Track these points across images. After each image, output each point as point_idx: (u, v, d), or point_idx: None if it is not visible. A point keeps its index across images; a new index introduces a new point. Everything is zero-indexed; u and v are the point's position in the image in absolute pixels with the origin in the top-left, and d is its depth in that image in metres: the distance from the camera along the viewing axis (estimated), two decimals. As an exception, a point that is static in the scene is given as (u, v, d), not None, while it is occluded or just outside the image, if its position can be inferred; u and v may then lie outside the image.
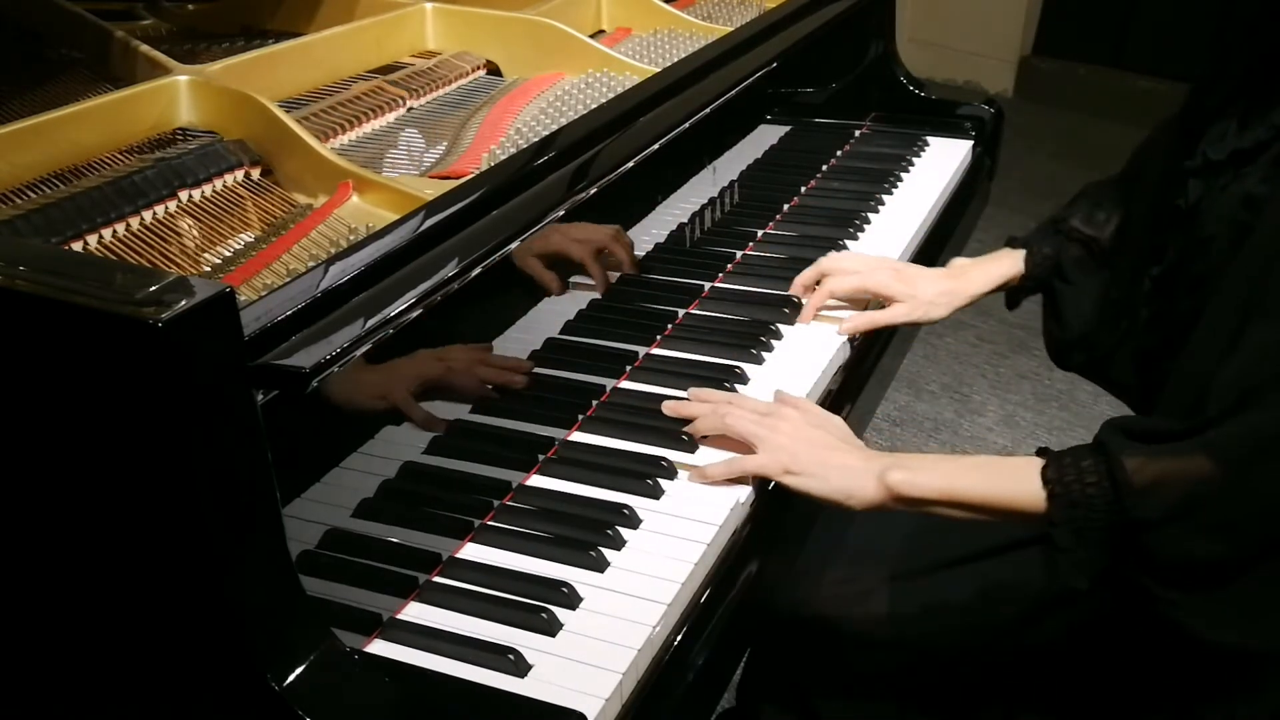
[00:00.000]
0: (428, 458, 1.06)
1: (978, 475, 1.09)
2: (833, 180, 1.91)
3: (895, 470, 1.10)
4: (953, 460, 1.14)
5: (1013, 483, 1.06)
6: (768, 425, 1.16)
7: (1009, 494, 1.06)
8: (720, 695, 1.12)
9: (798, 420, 1.18)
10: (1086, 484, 1.01)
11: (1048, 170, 4.38)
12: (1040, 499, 1.03)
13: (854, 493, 1.12)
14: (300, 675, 0.82)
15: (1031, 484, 1.04)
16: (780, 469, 1.14)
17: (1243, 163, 1.09)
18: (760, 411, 1.19)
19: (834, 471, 1.13)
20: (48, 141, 1.12)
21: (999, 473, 1.08)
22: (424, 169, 1.30)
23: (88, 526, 0.83)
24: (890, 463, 1.12)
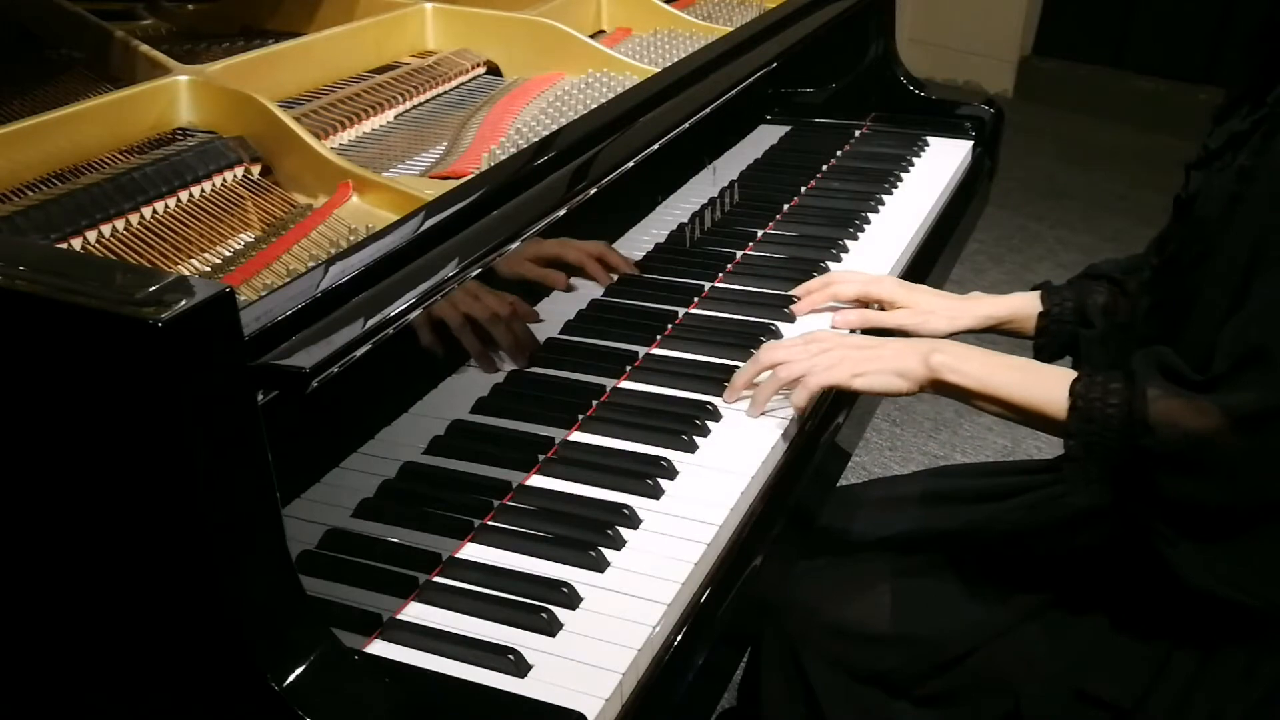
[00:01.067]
0: (428, 458, 1.06)
1: (1015, 374, 1.15)
2: (833, 180, 1.91)
3: (939, 354, 1.18)
4: (992, 355, 1.19)
5: (1043, 388, 1.12)
6: (815, 351, 1.24)
7: (1038, 397, 1.12)
8: (720, 695, 1.12)
9: (834, 336, 1.27)
10: (1109, 404, 1.06)
11: (1048, 170, 4.38)
12: (1064, 408, 1.09)
13: (906, 372, 1.19)
14: (300, 675, 0.82)
15: (1060, 392, 1.10)
16: (849, 375, 1.21)
17: (1239, 144, 1.10)
18: (799, 344, 1.26)
19: (887, 360, 1.21)
20: (48, 141, 1.13)
21: (1034, 376, 1.14)
22: (424, 169, 1.30)
23: (88, 527, 0.83)
24: (934, 346, 1.20)
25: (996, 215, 3.85)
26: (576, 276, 1.26)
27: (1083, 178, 4.35)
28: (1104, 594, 1.19)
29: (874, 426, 2.80)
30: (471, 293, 1.08)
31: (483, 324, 1.11)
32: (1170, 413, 1.02)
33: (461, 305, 1.07)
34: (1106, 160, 4.47)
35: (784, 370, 1.24)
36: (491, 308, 1.12)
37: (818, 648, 1.31)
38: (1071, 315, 1.41)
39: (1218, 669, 1.12)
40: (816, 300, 1.47)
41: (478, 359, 1.12)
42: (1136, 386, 1.05)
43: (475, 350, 1.11)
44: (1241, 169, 1.08)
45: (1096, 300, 1.39)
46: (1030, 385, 1.13)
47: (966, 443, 2.79)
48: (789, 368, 1.24)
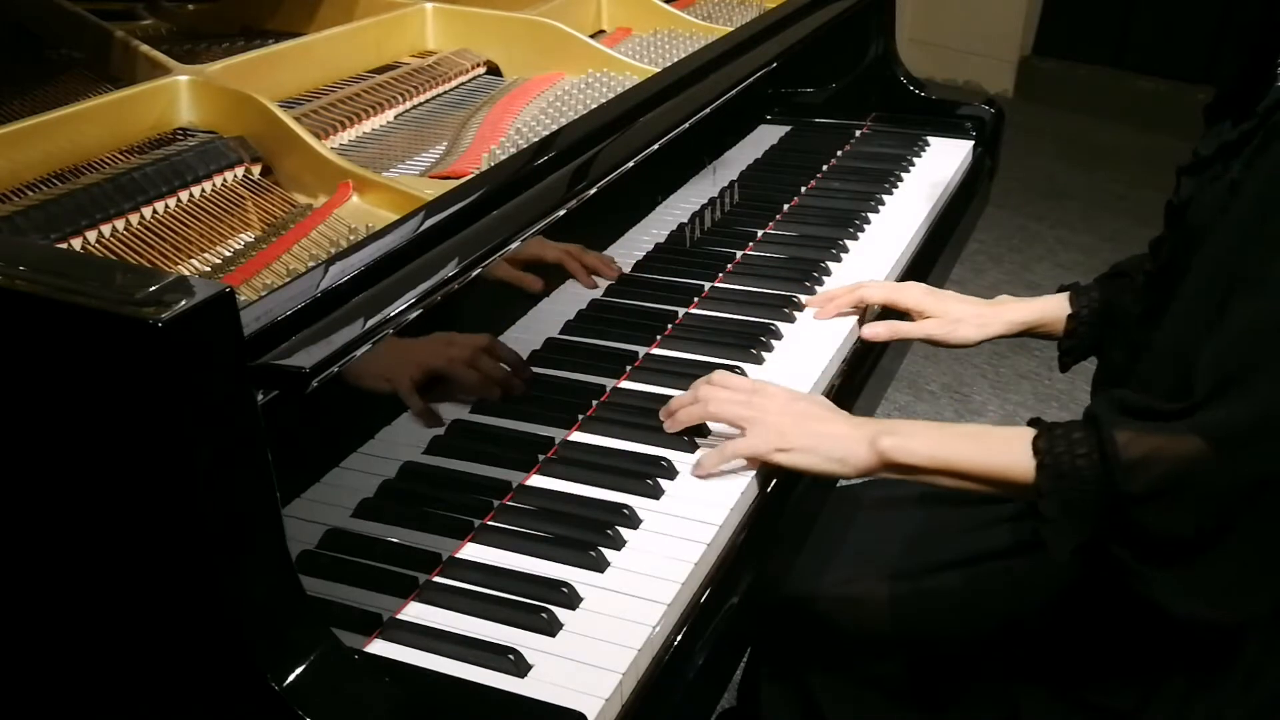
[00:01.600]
0: (428, 458, 1.06)
1: (969, 443, 1.09)
2: (833, 180, 1.91)
3: (886, 436, 1.10)
4: (944, 428, 1.14)
5: (1003, 452, 1.06)
6: (755, 406, 1.16)
7: (999, 464, 1.06)
8: (720, 695, 1.12)
9: (782, 396, 1.18)
10: (1076, 455, 1.02)
11: (1048, 170, 4.38)
12: (1030, 469, 1.04)
13: (847, 459, 1.12)
14: (300, 675, 0.82)
15: (1022, 454, 1.04)
16: (771, 447, 1.13)
17: (1230, 155, 1.10)
18: (744, 391, 1.19)
19: (825, 441, 1.13)
20: (48, 141, 1.13)
21: (990, 442, 1.09)
22: (424, 169, 1.30)
23: (88, 527, 0.83)
24: (882, 429, 1.12)
25: (996, 215, 3.85)
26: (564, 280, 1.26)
27: (1083, 178, 4.35)
28: (1103, 598, 1.19)
29: (874, 426, 2.80)
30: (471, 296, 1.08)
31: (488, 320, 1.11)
32: (1148, 450, 0.98)
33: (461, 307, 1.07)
34: (1106, 160, 4.47)
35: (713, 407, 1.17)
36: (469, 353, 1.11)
37: (817, 650, 1.31)
38: (1100, 317, 1.38)
39: (1218, 676, 1.11)
40: (843, 304, 1.46)
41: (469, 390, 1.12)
42: (1103, 432, 1.01)
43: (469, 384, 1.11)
44: (1234, 184, 1.07)
45: (1124, 299, 1.35)
46: (987, 451, 1.08)
47: (966, 443, 2.79)
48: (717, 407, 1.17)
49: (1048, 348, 1.49)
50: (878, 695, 1.28)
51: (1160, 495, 0.98)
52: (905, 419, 1.16)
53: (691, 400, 1.20)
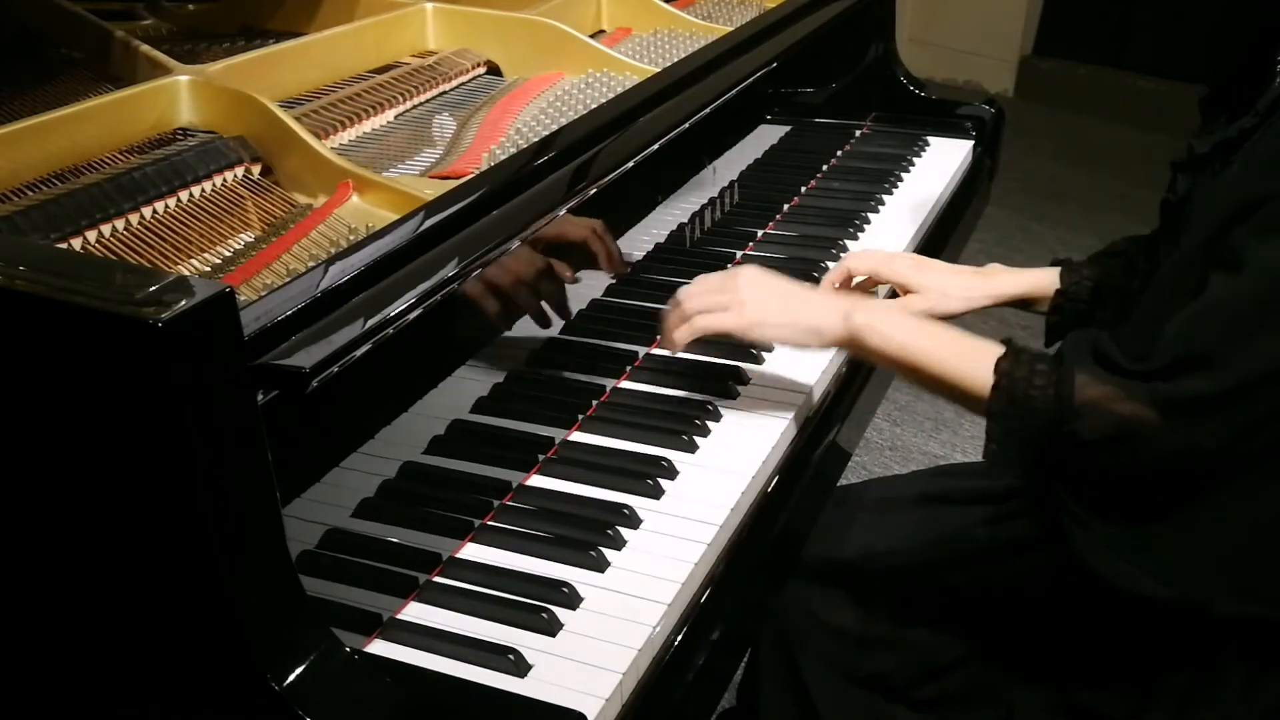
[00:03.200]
0: (428, 458, 1.06)
1: (938, 344, 1.09)
2: (833, 180, 1.91)
3: (862, 313, 1.11)
4: (920, 323, 1.13)
5: (967, 362, 1.06)
6: (728, 289, 1.17)
7: (960, 371, 1.06)
8: (720, 696, 1.12)
9: (755, 274, 1.19)
10: (1034, 385, 1.01)
11: (1048, 170, 4.38)
12: (986, 386, 1.04)
13: (822, 329, 1.13)
14: (300, 675, 0.82)
15: (985, 370, 1.04)
16: (748, 323, 1.15)
17: (1229, 152, 1.09)
18: (716, 280, 1.20)
19: (800, 313, 1.14)
20: (48, 141, 1.13)
21: (959, 348, 1.08)
22: (424, 169, 1.30)
23: (88, 527, 0.83)
24: (858, 305, 1.12)
25: (996, 215, 3.85)
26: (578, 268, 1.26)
27: (1083, 178, 4.35)
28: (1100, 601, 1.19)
29: (874, 426, 2.81)
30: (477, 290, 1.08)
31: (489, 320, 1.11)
32: (1099, 399, 0.98)
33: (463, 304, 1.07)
34: (1106, 160, 4.47)
35: (687, 304, 1.19)
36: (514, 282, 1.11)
37: (814, 649, 1.31)
38: (1089, 294, 1.38)
39: (1215, 684, 1.11)
40: (835, 278, 1.46)
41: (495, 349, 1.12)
42: (1064, 370, 1.00)
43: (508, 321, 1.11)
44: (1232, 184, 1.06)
45: (1117, 279, 1.36)
46: (953, 356, 1.07)
47: (967, 443, 2.79)
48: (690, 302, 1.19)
49: (1048, 347, 1.48)
50: (876, 696, 1.28)
51: (1102, 444, 0.98)
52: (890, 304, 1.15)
53: (678, 319, 1.21)
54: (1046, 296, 1.41)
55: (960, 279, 1.42)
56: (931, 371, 1.08)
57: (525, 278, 1.17)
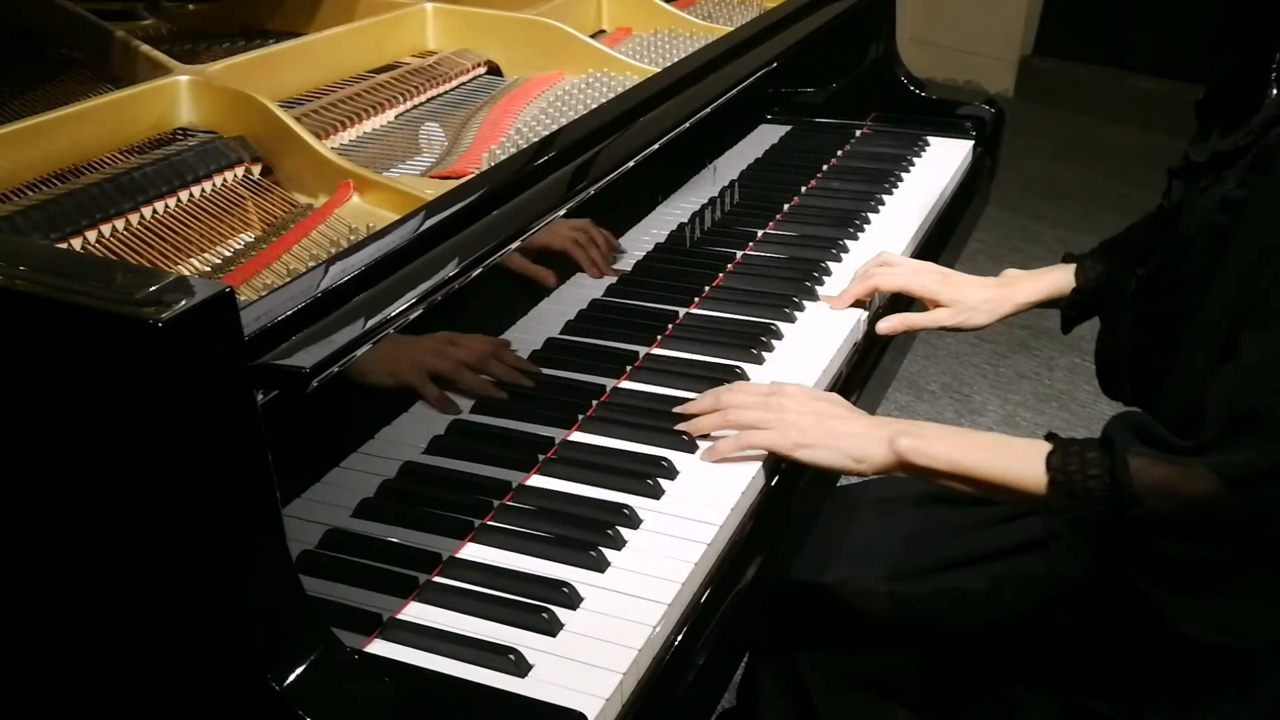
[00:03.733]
0: (428, 458, 1.06)
1: (985, 452, 1.10)
2: (833, 180, 1.91)
3: (905, 437, 1.11)
4: (962, 434, 1.14)
5: (1018, 464, 1.07)
6: (774, 407, 1.17)
7: (1013, 474, 1.07)
8: (720, 695, 1.12)
9: (801, 396, 1.19)
10: (1089, 476, 1.02)
11: (1048, 170, 4.38)
12: (1042, 484, 1.04)
13: (866, 458, 1.13)
14: (300, 675, 0.82)
15: (1036, 468, 1.05)
16: (791, 444, 1.15)
17: (1222, 165, 1.10)
18: (761, 393, 1.20)
19: (844, 439, 1.14)
20: (48, 141, 1.12)
21: (1007, 452, 1.09)
22: (424, 169, 1.30)
23: (88, 527, 0.83)
24: (900, 429, 1.13)
25: (996, 215, 3.85)
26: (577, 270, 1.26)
27: (1083, 178, 4.35)
28: (1100, 601, 1.19)
29: (874, 426, 2.80)
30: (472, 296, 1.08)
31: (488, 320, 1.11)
32: (1159, 480, 0.98)
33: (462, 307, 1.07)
34: (1106, 160, 4.47)
35: (734, 414, 1.19)
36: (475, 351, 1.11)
37: (813, 649, 1.31)
38: (1104, 290, 1.41)
39: (1215, 684, 1.11)
40: (859, 292, 1.47)
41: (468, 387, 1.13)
42: (1117, 456, 1.01)
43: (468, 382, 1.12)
44: (1227, 200, 1.07)
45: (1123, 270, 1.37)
46: (1003, 461, 1.08)
47: (966, 443, 2.79)
48: (739, 414, 1.19)
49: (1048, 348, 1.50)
50: (876, 695, 1.28)
51: (1169, 525, 0.98)
52: (921, 420, 1.16)
53: (711, 406, 1.21)
54: (1064, 294, 1.46)
55: (985, 292, 1.46)
56: (983, 479, 1.10)
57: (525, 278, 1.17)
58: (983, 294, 1.46)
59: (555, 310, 1.23)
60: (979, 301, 1.45)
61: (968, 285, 1.47)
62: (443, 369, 1.07)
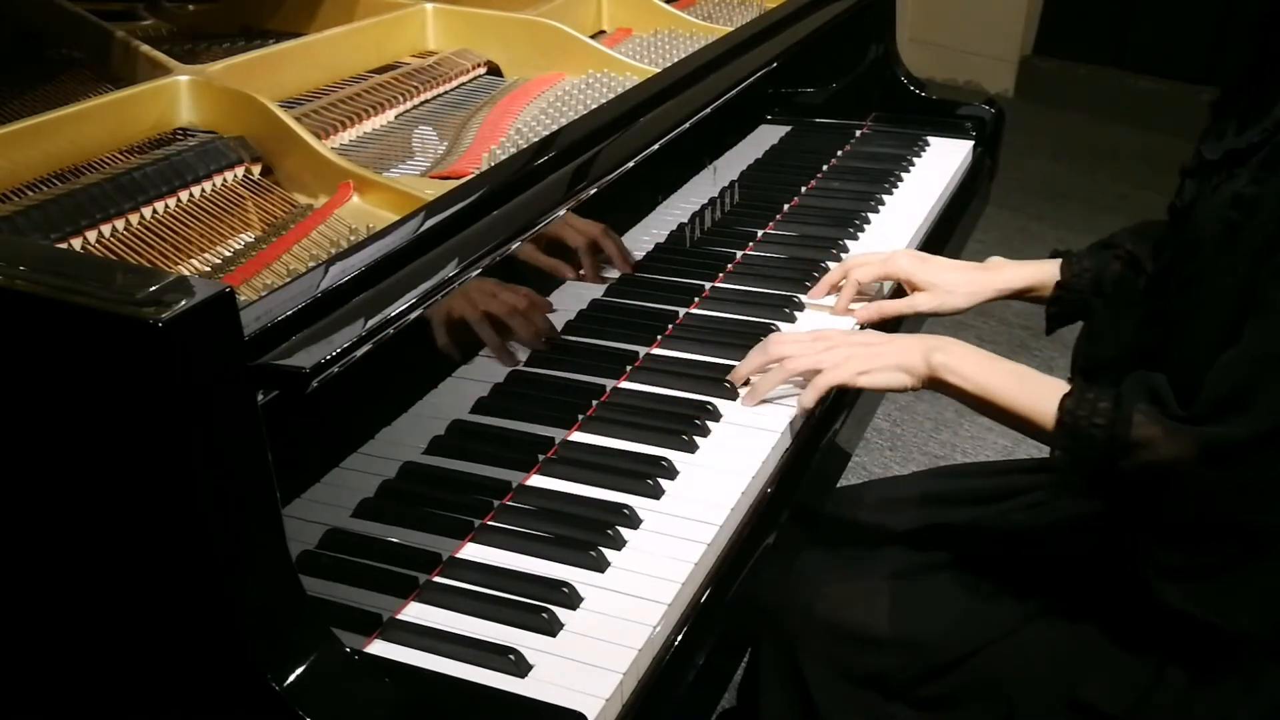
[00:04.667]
0: (428, 458, 1.06)
1: (1011, 381, 1.16)
2: (833, 180, 1.91)
3: (939, 353, 1.19)
4: (991, 360, 1.20)
5: (1036, 398, 1.13)
6: (824, 348, 1.26)
7: (1028, 407, 1.14)
8: (720, 695, 1.12)
9: (841, 334, 1.30)
10: (1094, 422, 1.08)
11: (1048, 170, 4.38)
12: (1051, 421, 1.11)
13: (910, 367, 1.21)
14: (300, 675, 0.82)
15: (1049, 405, 1.11)
16: (854, 374, 1.23)
17: (1235, 163, 1.10)
18: (807, 340, 1.28)
19: (891, 355, 1.23)
20: (48, 141, 1.13)
21: (1030, 385, 1.15)
22: (424, 169, 1.30)
23: (88, 527, 0.83)
24: (937, 345, 1.21)
25: (996, 215, 3.85)
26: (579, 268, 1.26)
27: (1083, 178, 4.35)
28: (1100, 600, 1.19)
29: (874, 426, 2.81)
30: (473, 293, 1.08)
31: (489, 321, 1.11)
32: (1148, 437, 1.04)
33: (462, 306, 1.07)
34: (1106, 160, 4.47)
35: (791, 363, 1.26)
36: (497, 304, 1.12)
37: (815, 649, 1.31)
38: (1089, 285, 1.42)
39: (1217, 679, 1.11)
40: (849, 294, 1.47)
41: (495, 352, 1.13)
42: (1123, 409, 1.06)
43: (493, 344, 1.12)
44: (1238, 197, 1.07)
45: (1114, 270, 1.40)
46: (1024, 394, 1.14)
47: (966, 443, 2.79)
48: (796, 361, 1.26)
49: (1048, 348, 1.50)
50: (876, 695, 1.28)
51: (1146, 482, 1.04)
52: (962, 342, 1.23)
53: (763, 363, 1.29)
54: (1047, 288, 1.46)
55: (964, 274, 1.46)
56: (1003, 406, 1.16)
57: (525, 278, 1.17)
58: (961, 276, 1.46)
59: (555, 310, 1.23)
60: (957, 284, 1.45)
61: (946, 268, 1.47)
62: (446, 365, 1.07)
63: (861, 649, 1.28)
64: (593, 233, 1.27)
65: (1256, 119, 1.09)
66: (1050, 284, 1.45)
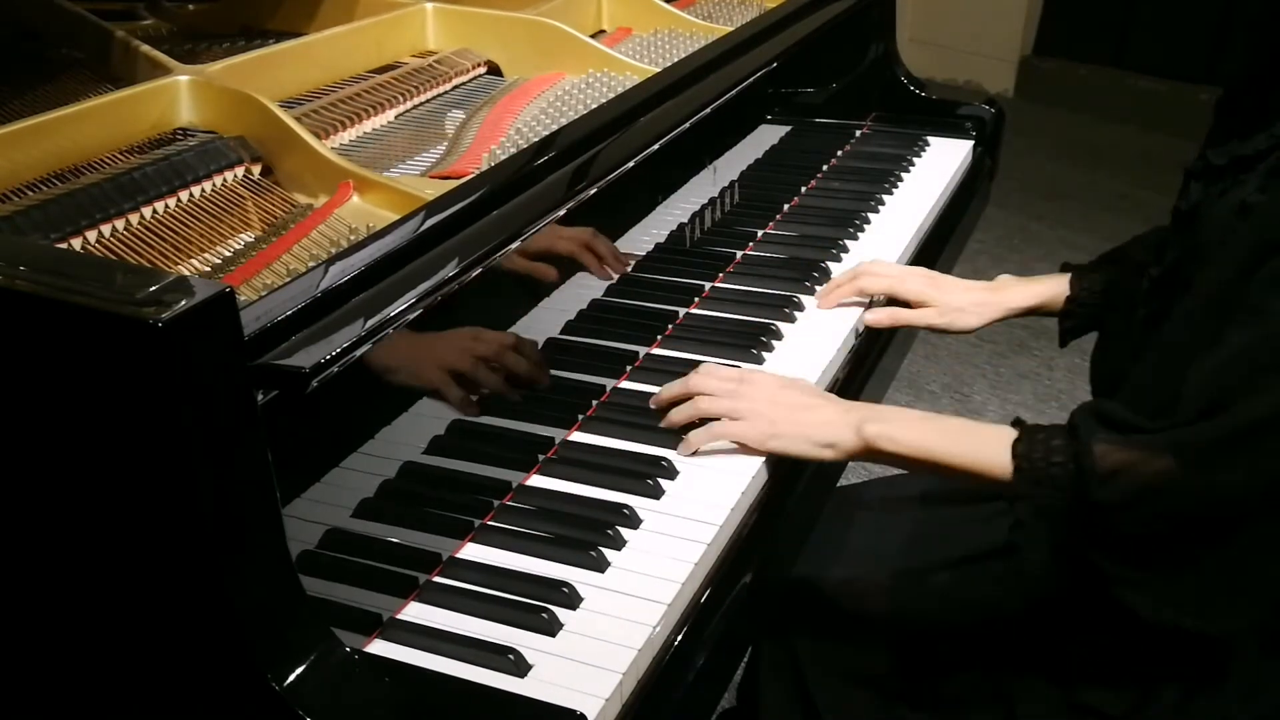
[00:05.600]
0: (428, 458, 1.06)
1: (951, 439, 1.12)
2: (833, 180, 1.91)
3: (872, 423, 1.13)
4: (930, 419, 1.15)
5: (985, 451, 1.09)
6: (744, 397, 1.18)
7: (979, 461, 1.09)
8: (720, 695, 1.12)
9: (769, 384, 1.20)
10: (1052, 463, 1.04)
11: (1048, 170, 4.38)
12: (1008, 471, 1.07)
13: (836, 443, 1.15)
14: (300, 675, 0.82)
15: (1002, 455, 1.07)
16: (762, 435, 1.16)
17: (1242, 169, 1.10)
18: (731, 379, 1.20)
19: (813, 429, 1.16)
20: (48, 141, 1.12)
21: (973, 439, 1.11)
22: (424, 169, 1.30)
23: (88, 527, 0.83)
24: (868, 415, 1.15)
25: (997, 215, 3.85)
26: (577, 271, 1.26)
27: (1083, 178, 4.35)
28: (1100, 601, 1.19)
29: (874, 426, 2.80)
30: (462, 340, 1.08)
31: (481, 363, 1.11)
32: (1122, 463, 1.01)
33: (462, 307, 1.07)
34: (1106, 160, 4.47)
35: (704, 403, 1.18)
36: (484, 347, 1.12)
37: (815, 649, 1.31)
38: (1099, 299, 1.41)
39: (1216, 682, 1.11)
40: (844, 294, 1.47)
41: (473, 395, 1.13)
42: (1080, 443, 1.03)
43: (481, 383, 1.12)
44: (1245, 205, 1.07)
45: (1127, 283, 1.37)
46: (969, 448, 1.10)
47: (967, 443, 2.79)
48: (709, 403, 1.18)
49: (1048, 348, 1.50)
50: (876, 694, 1.28)
51: (1129, 506, 1.01)
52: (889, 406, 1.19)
53: (681, 393, 1.21)
54: (1057, 304, 1.45)
55: (974, 295, 1.46)
56: (950, 465, 1.12)
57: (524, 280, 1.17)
58: (970, 297, 1.46)
59: (555, 310, 1.23)
60: (966, 304, 1.45)
61: (956, 289, 1.47)
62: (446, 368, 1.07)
63: (861, 650, 1.29)
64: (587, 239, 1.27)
65: (1264, 123, 1.09)
66: (1060, 300, 1.44)
